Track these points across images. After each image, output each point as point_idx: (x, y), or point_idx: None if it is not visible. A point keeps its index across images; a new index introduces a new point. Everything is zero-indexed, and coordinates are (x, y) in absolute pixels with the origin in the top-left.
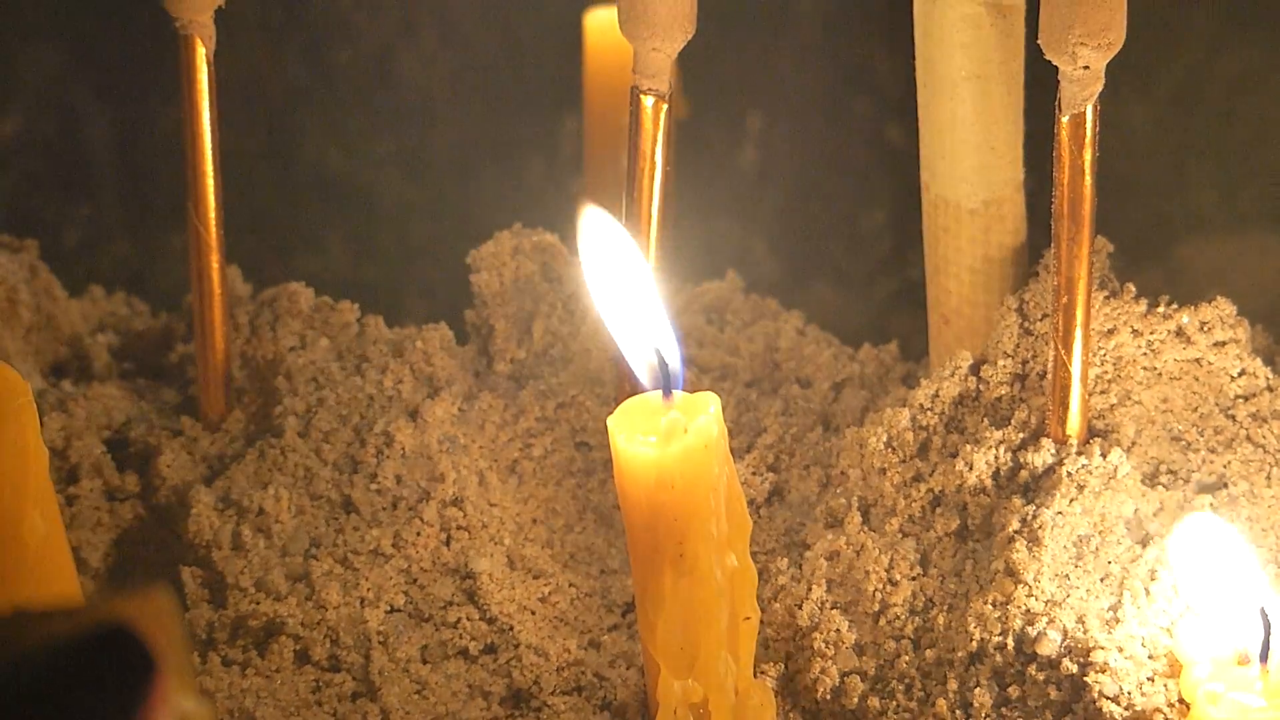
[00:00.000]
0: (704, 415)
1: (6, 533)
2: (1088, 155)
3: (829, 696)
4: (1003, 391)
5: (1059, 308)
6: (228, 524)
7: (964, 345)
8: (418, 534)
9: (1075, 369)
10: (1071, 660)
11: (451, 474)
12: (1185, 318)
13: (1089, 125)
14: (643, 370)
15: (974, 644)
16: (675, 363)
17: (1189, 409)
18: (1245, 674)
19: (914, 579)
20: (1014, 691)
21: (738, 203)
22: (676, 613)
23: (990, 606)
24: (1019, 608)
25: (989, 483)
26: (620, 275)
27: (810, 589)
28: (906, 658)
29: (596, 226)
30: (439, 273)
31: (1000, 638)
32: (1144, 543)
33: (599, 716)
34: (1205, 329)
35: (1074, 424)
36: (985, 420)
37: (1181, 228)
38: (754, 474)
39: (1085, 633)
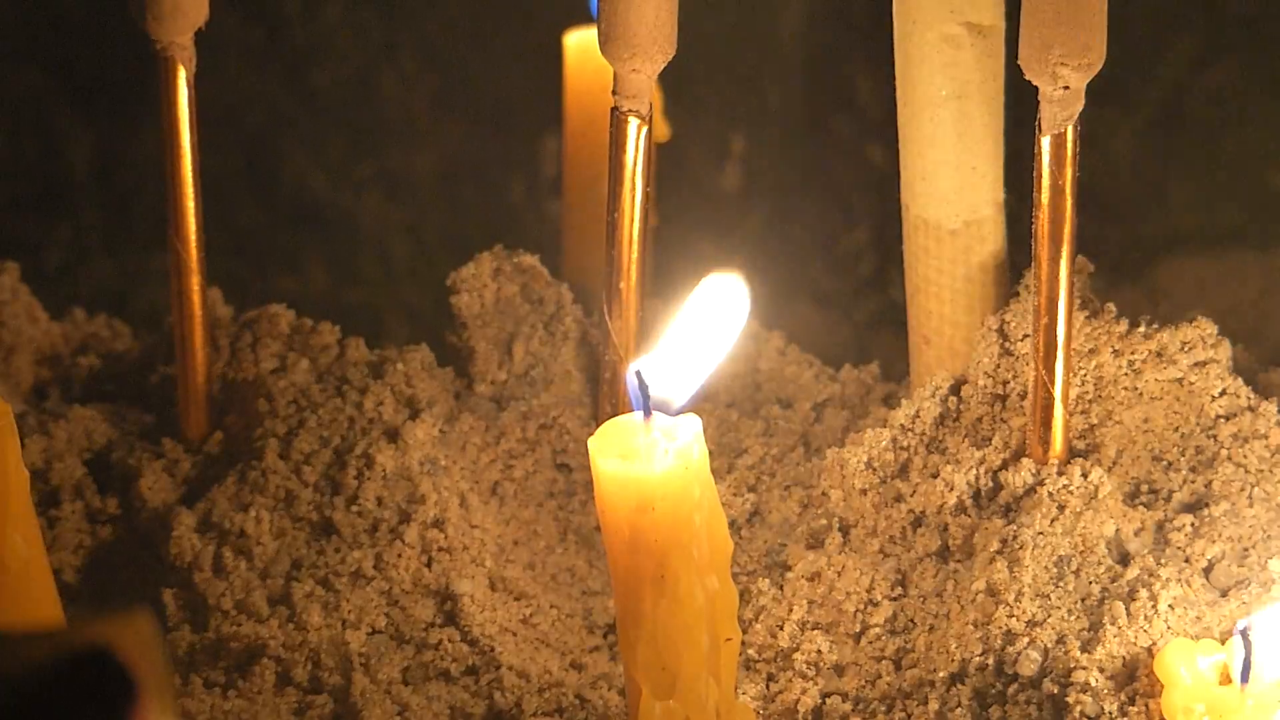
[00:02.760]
0: (685, 437)
1: None
2: (1068, 175)
3: (810, 717)
4: (983, 412)
5: (1039, 328)
6: (209, 546)
7: (944, 366)
8: (399, 556)
9: (1056, 389)
10: (1052, 680)
11: (432, 496)
12: (1166, 337)
13: (1069, 145)
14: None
15: (955, 664)
16: (680, 393)
17: (1170, 429)
18: (1226, 695)
19: (895, 599)
20: (995, 712)
21: (719, 224)
22: (657, 634)
23: (971, 627)
24: (1000, 628)
25: (969, 503)
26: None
27: (791, 610)
28: (887, 678)
29: (732, 293)
30: (420, 294)
31: (981, 658)
32: (1125, 562)
33: None
34: (1186, 349)
35: (1055, 444)
36: (966, 441)
37: (1162, 247)
38: (735, 495)
39: (1066, 653)
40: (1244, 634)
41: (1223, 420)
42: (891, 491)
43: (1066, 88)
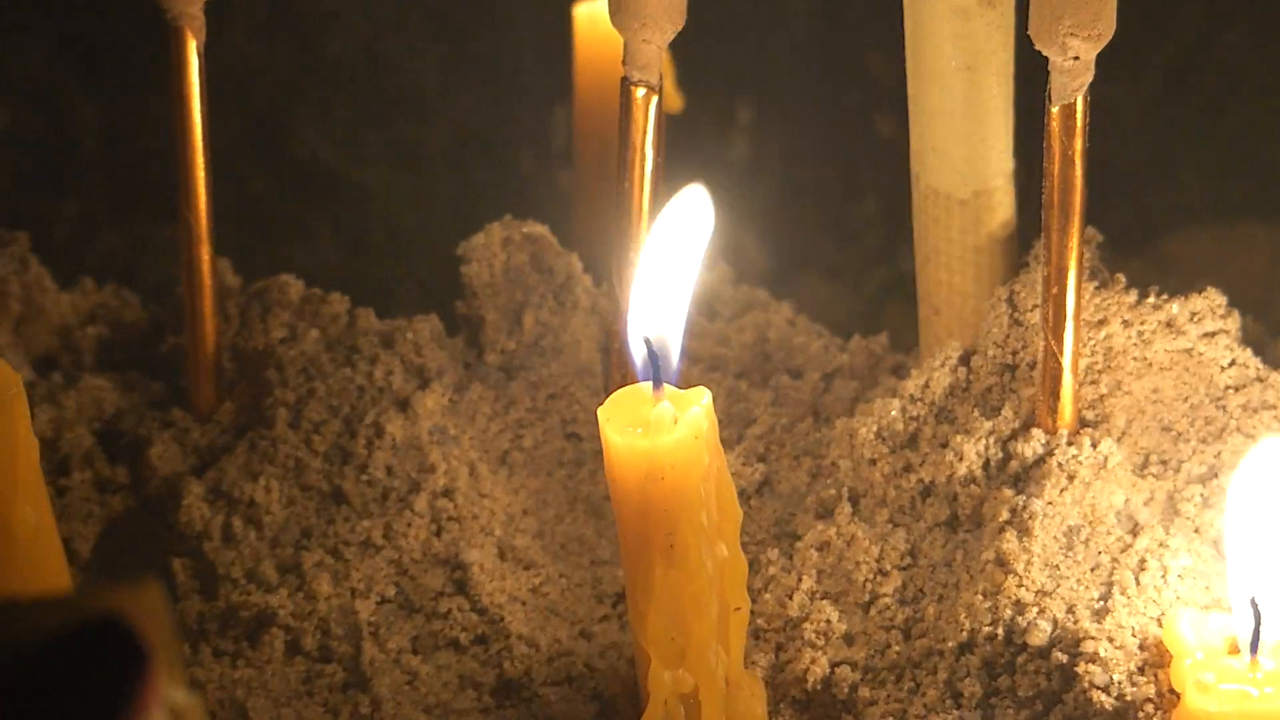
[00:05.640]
0: (695, 406)
1: None
2: (1078, 145)
3: (819, 687)
4: (993, 382)
5: (1049, 298)
6: (218, 515)
7: (954, 336)
8: (408, 525)
9: (1065, 359)
10: (1061, 650)
11: (442, 465)
12: (1175, 308)
13: (1079, 115)
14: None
15: (964, 634)
16: (672, 355)
17: (1179, 399)
18: (1236, 664)
19: (904, 569)
20: (1004, 681)
21: (728, 194)
22: (667, 603)
23: (980, 597)
24: (1009, 598)
25: (979, 473)
26: (676, 257)
27: (800, 579)
28: (897, 648)
29: (690, 208)
30: (429, 264)
31: (990, 628)
32: (1134, 533)
33: (589, 707)
34: (1196, 319)
35: (1064, 414)
36: (975, 411)
37: (1172, 218)
38: (744, 464)
39: (1075, 623)
40: (1253, 603)
41: (1232, 391)
42: (901, 461)
43: (1076, 58)
